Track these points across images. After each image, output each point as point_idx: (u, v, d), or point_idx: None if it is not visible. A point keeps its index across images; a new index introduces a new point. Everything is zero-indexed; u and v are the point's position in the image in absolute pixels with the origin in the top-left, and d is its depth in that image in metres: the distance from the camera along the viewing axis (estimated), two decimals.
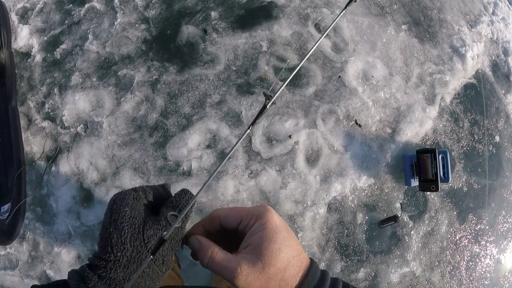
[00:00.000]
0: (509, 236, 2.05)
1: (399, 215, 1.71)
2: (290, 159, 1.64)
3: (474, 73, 2.13)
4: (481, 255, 1.93)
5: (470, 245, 1.90)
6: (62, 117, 1.64)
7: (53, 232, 1.58)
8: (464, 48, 2.08)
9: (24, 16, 1.87)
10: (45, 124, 1.66)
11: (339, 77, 1.80)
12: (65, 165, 1.60)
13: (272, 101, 0.46)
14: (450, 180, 1.65)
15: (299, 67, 0.51)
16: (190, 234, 0.51)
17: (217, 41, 1.77)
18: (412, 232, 1.76)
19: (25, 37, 1.79)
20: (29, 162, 1.61)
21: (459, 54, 2.07)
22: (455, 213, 1.88)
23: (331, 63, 1.82)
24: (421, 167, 1.66)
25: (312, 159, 1.68)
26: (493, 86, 2.20)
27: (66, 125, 1.64)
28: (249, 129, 0.46)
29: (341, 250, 1.68)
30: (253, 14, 1.85)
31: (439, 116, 1.93)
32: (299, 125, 1.69)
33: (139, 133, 1.62)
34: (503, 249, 2.02)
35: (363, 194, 1.72)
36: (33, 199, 1.59)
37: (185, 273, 1.50)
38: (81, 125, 1.64)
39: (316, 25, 1.87)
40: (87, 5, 1.83)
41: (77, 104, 1.65)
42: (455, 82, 2.02)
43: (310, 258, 0.49)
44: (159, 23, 1.80)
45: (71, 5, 1.85)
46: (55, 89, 1.70)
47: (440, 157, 1.61)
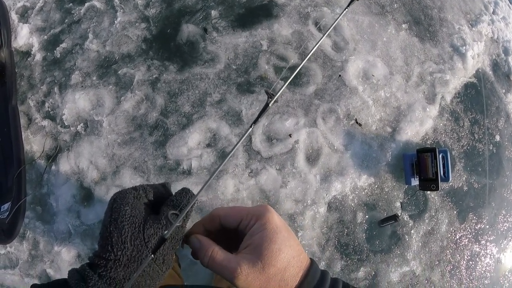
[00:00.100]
0: (509, 235, 2.05)
1: (399, 214, 1.71)
2: (290, 158, 1.64)
3: (474, 72, 2.12)
4: (481, 254, 1.93)
5: (470, 244, 1.90)
6: (62, 116, 1.64)
7: (53, 231, 1.58)
8: (464, 47, 2.07)
9: (24, 15, 1.87)
10: (45, 123, 1.66)
11: (340, 76, 1.80)
12: (65, 164, 1.60)
13: (274, 99, 0.45)
14: (450, 179, 1.65)
15: (301, 66, 0.51)
16: (190, 233, 0.51)
17: (217, 40, 1.76)
18: (412, 231, 1.76)
19: (25, 36, 1.79)
20: (29, 161, 1.60)
21: (460, 53, 2.07)
22: (455, 212, 1.88)
23: (332, 62, 1.82)
24: (421, 166, 1.66)
25: (312, 158, 1.68)
26: (494, 85, 2.20)
27: (66, 124, 1.64)
28: (251, 128, 0.46)
29: (341, 249, 1.68)
30: (253, 13, 1.85)
31: (440, 115, 1.93)
32: (299, 124, 1.69)
33: (139, 132, 1.62)
34: (503, 249, 2.02)
35: (363, 193, 1.72)
36: (33, 198, 1.59)
37: (185, 272, 1.50)
38: (81, 124, 1.64)
39: (316, 24, 1.87)
40: (87, 4, 1.83)
41: (77, 103, 1.65)
42: (456, 81, 2.02)
43: (310, 258, 0.49)
44: (159, 22, 1.80)
45: (71, 4, 1.85)
46: (55, 88, 1.70)
47: (440, 156, 1.61)
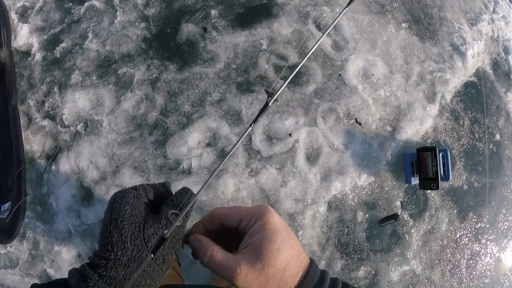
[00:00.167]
0: (510, 234, 2.05)
1: (399, 214, 1.71)
2: (290, 157, 1.64)
3: (474, 71, 2.12)
4: (481, 253, 1.93)
5: (470, 243, 1.90)
6: (62, 115, 1.64)
7: (53, 230, 1.58)
8: (464, 46, 2.07)
9: (23, 14, 1.86)
10: (45, 122, 1.66)
11: (339, 75, 1.80)
12: (65, 164, 1.60)
13: (274, 98, 0.45)
14: (450, 178, 1.65)
15: (301, 65, 0.51)
16: (190, 233, 0.51)
17: (217, 39, 1.76)
18: (412, 230, 1.76)
19: (25, 35, 1.79)
20: (29, 160, 1.60)
21: (460, 52, 2.06)
22: (455, 212, 1.88)
23: (331, 61, 1.82)
24: (421, 165, 1.66)
25: (312, 157, 1.68)
26: (494, 84, 2.20)
27: (66, 124, 1.64)
28: (251, 127, 0.45)
29: (341, 248, 1.68)
30: (253, 12, 1.85)
31: (440, 114, 1.93)
32: (299, 123, 1.69)
33: (139, 132, 1.62)
34: (503, 248, 2.02)
35: (363, 192, 1.72)
36: (33, 198, 1.59)
37: (185, 272, 1.50)
38: (81, 124, 1.64)
39: (316, 23, 1.86)
40: (87, 4, 1.82)
41: (77, 102, 1.65)
42: (456, 80, 2.02)
43: (310, 258, 0.49)
44: (159, 22, 1.80)
45: (70, 4, 1.85)
46: (55, 88, 1.70)
47: (440, 155, 1.61)
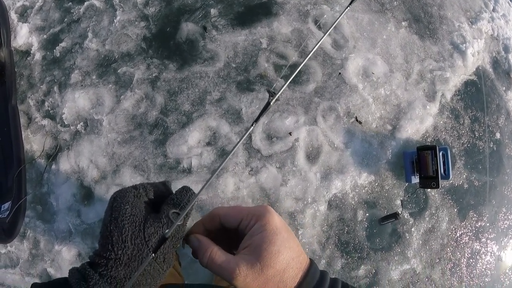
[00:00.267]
0: (510, 233, 2.05)
1: (400, 212, 1.71)
2: (290, 156, 1.64)
3: (474, 69, 2.12)
4: (481, 252, 1.93)
5: (470, 242, 1.90)
6: (62, 115, 1.64)
7: (54, 230, 1.58)
8: (464, 44, 2.07)
9: (23, 14, 1.86)
10: (45, 122, 1.66)
11: (339, 74, 1.79)
12: (65, 163, 1.60)
13: (276, 98, 0.45)
14: (450, 177, 1.65)
15: (302, 65, 0.50)
16: (190, 232, 0.51)
17: (216, 38, 1.76)
18: (412, 229, 1.77)
19: (24, 35, 1.79)
20: (29, 160, 1.60)
21: (460, 50, 2.06)
22: (455, 210, 1.88)
23: (331, 60, 1.82)
24: (421, 164, 1.66)
25: (312, 156, 1.68)
26: (494, 83, 2.20)
27: (66, 123, 1.64)
28: (252, 126, 0.45)
29: (342, 247, 1.68)
30: (253, 11, 1.84)
31: (440, 113, 1.93)
32: (299, 122, 1.68)
33: (139, 131, 1.62)
34: (503, 246, 2.02)
35: (363, 191, 1.72)
36: (33, 197, 1.59)
37: (185, 271, 1.50)
38: (81, 123, 1.63)
39: (316, 22, 1.86)
40: (86, 3, 1.82)
41: (77, 102, 1.65)
42: (456, 78, 2.02)
43: (310, 258, 0.49)
44: (159, 21, 1.80)
45: (70, 3, 1.84)
46: (55, 87, 1.69)
47: (440, 154, 1.61)
